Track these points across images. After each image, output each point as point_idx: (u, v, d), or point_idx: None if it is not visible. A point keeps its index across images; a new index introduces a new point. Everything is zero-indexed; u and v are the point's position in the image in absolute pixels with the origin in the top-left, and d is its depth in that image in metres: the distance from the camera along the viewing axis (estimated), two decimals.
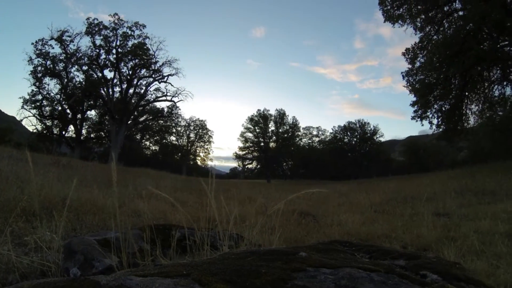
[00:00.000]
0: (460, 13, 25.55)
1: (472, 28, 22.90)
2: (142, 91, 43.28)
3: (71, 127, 43.30)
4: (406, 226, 7.09)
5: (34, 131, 41.78)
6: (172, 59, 43.48)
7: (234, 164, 73.17)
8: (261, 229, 3.41)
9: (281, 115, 65.99)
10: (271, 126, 66.10)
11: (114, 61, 40.51)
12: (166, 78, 42.62)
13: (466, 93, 27.27)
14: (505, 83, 26.79)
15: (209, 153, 64.89)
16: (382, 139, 69.09)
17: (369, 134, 66.98)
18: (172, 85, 45.56)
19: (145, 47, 41.21)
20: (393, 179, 28.04)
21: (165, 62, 42.30)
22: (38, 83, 39.89)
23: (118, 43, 40.58)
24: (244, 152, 66.33)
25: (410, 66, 27.73)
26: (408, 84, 27.64)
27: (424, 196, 10.69)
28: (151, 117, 51.40)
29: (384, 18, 27.83)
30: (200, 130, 64.31)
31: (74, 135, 43.07)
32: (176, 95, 43.15)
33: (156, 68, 42.23)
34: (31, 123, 44.42)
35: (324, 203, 12.75)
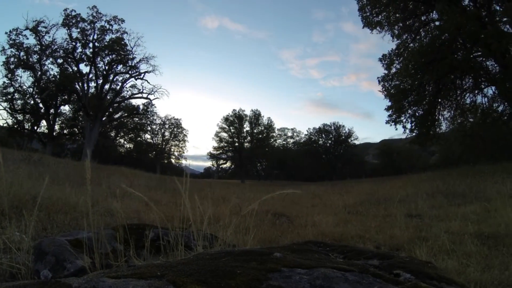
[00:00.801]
0: (437, 23, 26.59)
1: (447, 38, 23.83)
2: (118, 87, 42.34)
3: (44, 122, 41.69)
4: (379, 227, 7.23)
5: (5, 125, 40.01)
6: (149, 55, 42.84)
7: (208, 163, 72.88)
8: (235, 229, 3.39)
9: (256, 115, 66.12)
10: (246, 127, 66.10)
11: (91, 55, 39.24)
12: (142, 75, 41.87)
13: (439, 100, 28.23)
14: (476, 91, 27.99)
15: (183, 152, 64.29)
16: (357, 142, 70.29)
17: (343, 137, 67.95)
18: (148, 82, 45.19)
19: (122, 42, 40.21)
20: (366, 181, 28.56)
21: (143, 58, 41.52)
22: (10, 74, 38.09)
23: (95, 37, 39.40)
24: (218, 152, 65.99)
25: (386, 72, 28.52)
26: (383, 89, 28.39)
27: (397, 198, 10.95)
28: (126, 114, 50.16)
29: (363, 24, 28.76)
30: (175, 129, 63.70)
31: (46, 131, 41.29)
32: (152, 92, 42.50)
33: (133, 64, 41.41)
34: (1, 117, 42.90)
35: (298, 204, 12.84)
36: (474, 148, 39.03)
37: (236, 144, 64.34)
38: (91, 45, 39.30)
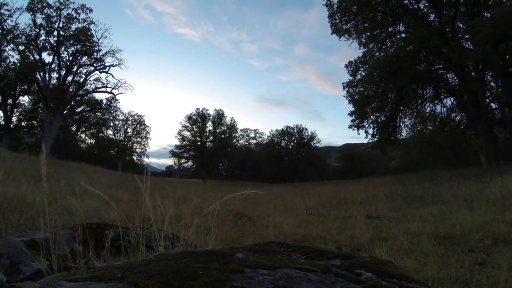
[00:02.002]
0: (403, 35, 27.83)
1: (412, 49, 24.96)
2: (81, 79, 40.24)
3: (0, 113, 39.31)
4: (340, 228, 7.36)
5: None
6: (116, 49, 41.16)
7: (170, 162, 71.85)
8: (197, 229, 3.35)
9: (220, 115, 65.94)
10: (209, 126, 65.81)
11: (54, 44, 36.99)
12: (107, 68, 40.08)
13: (401, 108, 29.38)
14: (436, 101, 29.45)
15: (145, 150, 62.72)
16: (319, 145, 71.49)
17: (306, 140, 69.02)
18: (113, 76, 43.02)
19: (89, 32, 38.27)
20: (328, 184, 29.07)
21: (109, 51, 39.76)
22: None
23: (61, 25, 37.16)
24: (181, 151, 65.28)
25: (351, 78, 29.33)
26: (348, 94, 29.11)
27: (358, 200, 11.20)
28: (88, 108, 48.13)
29: (331, 31, 29.44)
30: (138, 126, 62.03)
31: (3, 122, 39.09)
32: (117, 87, 40.77)
33: (98, 56, 39.54)
34: None
35: (260, 205, 12.90)
36: (432, 154, 41.15)
37: (199, 143, 63.81)
38: (55, 33, 37.12)
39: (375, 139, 29.45)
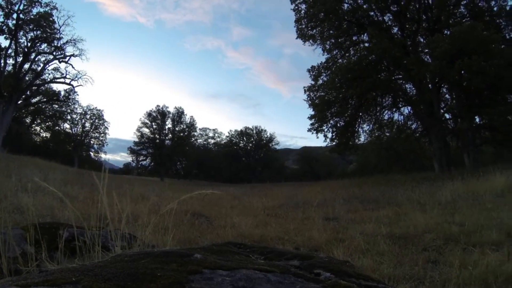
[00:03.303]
0: (366, 44, 28.72)
1: (374, 59, 25.80)
2: (39, 68, 37.76)
3: None
4: (298, 229, 7.43)
5: None
6: (78, 38, 39.16)
7: (128, 159, 69.94)
8: (154, 229, 3.26)
9: (180, 113, 64.92)
10: (168, 124, 64.60)
11: (13, 28, 34.38)
12: (68, 58, 37.96)
13: (360, 114, 30.30)
14: (394, 109, 30.79)
15: (103, 146, 60.57)
16: (277, 147, 72.04)
17: (265, 141, 69.39)
18: (73, 67, 40.39)
19: (51, 18, 35.99)
20: (286, 185, 29.41)
21: (70, 40, 37.68)
22: None
23: (21, 7, 34.64)
24: (139, 148, 63.71)
25: (313, 82, 29.88)
26: (308, 98, 29.62)
27: (315, 202, 11.35)
28: (45, 100, 45.40)
29: (297, 35, 29.96)
30: (97, 120, 59.61)
31: None
32: (76, 78, 38.82)
33: (58, 45, 37.37)
34: None
35: (217, 205, 12.85)
36: (388, 159, 42.70)
37: (157, 141, 62.55)
38: (15, 16, 34.53)
39: (334, 143, 30.06)
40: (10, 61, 35.90)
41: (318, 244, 5.86)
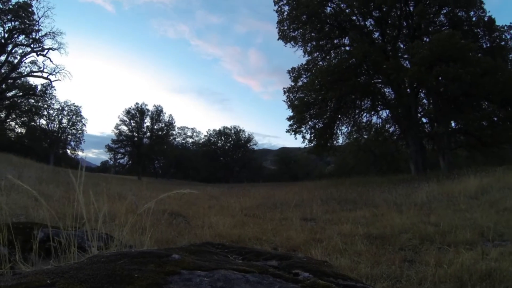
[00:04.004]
0: (347, 48, 29.16)
1: (354, 62, 26.18)
2: (16, 61, 36.78)
3: None
4: (276, 229, 7.45)
5: None
6: (57, 31, 38.15)
7: (106, 157, 68.78)
8: (132, 229, 3.22)
9: (158, 111, 63.96)
10: (147, 122, 63.54)
11: None
12: (46, 51, 37.04)
13: (339, 116, 30.66)
14: (372, 112, 31.27)
15: (80, 143, 58.63)
16: (256, 147, 72.25)
17: (243, 141, 69.53)
18: (51, 61, 39.22)
19: (30, 9, 34.91)
20: (263, 186, 29.44)
21: (49, 33, 36.69)
22: None
23: None
24: (117, 146, 62.49)
25: (292, 84, 30.06)
26: (287, 99, 29.75)
27: (293, 202, 11.42)
28: (21, 94, 44.12)
29: (278, 36, 30.17)
30: (74, 117, 57.68)
31: None
32: (54, 73, 37.95)
33: (37, 37, 36.43)
34: None
35: (195, 204, 12.79)
36: (365, 161, 43.38)
37: (135, 139, 61.45)
38: None
39: (312, 145, 30.32)
40: None
41: (296, 244, 5.89)
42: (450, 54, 21.20)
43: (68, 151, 60.01)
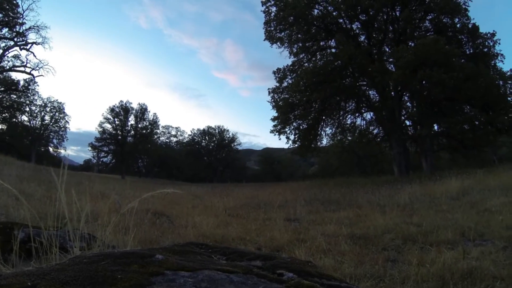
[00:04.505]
0: (333, 50, 29.38)
1: (340, 64, 26.45)
2: None
3: None
4: (260, 229, 7.46)
5: None
6: (41, 25, 36.81)
7: (89, 155, 67.61)
8: (115, 229, 3.17)
9: (143, 110, 63.14)
10: (131, 120, 62.67)
11: None
12: (30, 45, 36.05)
13: (323, 117, 30.88)
14: (357, 114, 31.64)
15: (63, 141, 57.47)
16: (239, 148, 72.36)
17: (227, 141, 69.56)
18: (34, 56, 38.47)
19: (14, 1, 33.99)
20: (247, 186, 29.52)
21: (33, 26, 35.67)
22: None
23: None
24: (100, 144, 61.42)
25: (277, 84, 30.19)
26: (272, 100, 29.84)
27: (277, 203, 11.47)
28: (2, 89, 42.97)
29: (265, 37, 30.25)
30: (57, 114, 56.38)
31: None
32: (37, 68, 37.02)
33: (21, 30, 35.42)
34: None
35: (179, 204, 12.73)
36: (349, 162, 43.77)
37: (119, 137, 60.52)
38: None
39: (296, 145, 30.51)
40: None
41: (280, 244, 5.91)
42: (434, 59, 21.59)
43: (51, 149, 58.87)
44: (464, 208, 9.13)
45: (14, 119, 52.44)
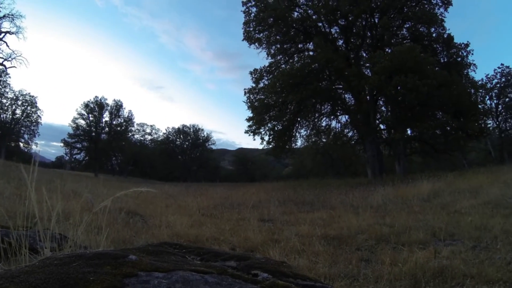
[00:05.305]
0: (311, 53, 29.64)
1: (317, 67, 26.75)
2: None
3: None
4: (234, 229, 7.47)
5: None
6: (16, 13, 35.63)
7: (61, 152, 65.72)
8: (87, 228, 3.10)
9: (118, 106, 61.82)
10: (106, 117, 61.21)
11: None
12: (3, 35, 34.94)
13: (299, 119, 31.11)
14: (332, 117, 32.04)
15: (34, 136, 55.13)
16: (214, 147, 72.26)
17: (201, 140, 69.29)
18: (7, 46, 37.29)
19: None
20: (221, 186, 29.51)
21: (7, 15, 34.42)
22: None
23: None
24: (73, 140, 59.47)
25: (254, 85, 30.27)
26: (248, 100, 29.87)
27: (250, 203, 11.50)
28: None
29: (243, 37, 30.31)
30: (29, 108, 54.00)
31: None
32: (10, 59, 36.05)
33: None
34: None
35: (152, 203, 12.64)
36: (323, 164, 44.27)
37: (93, 134, 59.01)
38: None
39: (271, 146, 30.65)
40: None
41: (254, 245, 5.92)
42: (410, 66, 22.17)
43: (21, 144, 56.60)
44: (435, 209, 9.41)
45: None
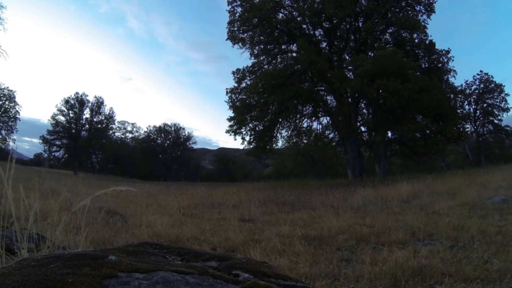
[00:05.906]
0: (294, 54, 29.81)
1: (299, 69, 26.95)
2: None
3: None
4: (214, 229, 7.44)
5: None
6: None
7: (40, 149, 64.17)
8: (66, 228, 3.04)
9: (99, 103, 60.64)
10: (86, 114, 59.93)
11: None
12: None
13: (280, 120, 31.28)
14: (314, 118, 32.32)
15: (12, 132, 53.04)
16: (195, 146, 71.90)
17: (182, 139, 68.90)
18: None
19: None
20: (201, 185, 29.34)
21: None
22: None
23: None
24: (53, 137, 57.99)
25: (236, 85, 30.39)
26: (229, 100, 29.87)
27: (231, 203, 11.47)
28: None
29: (227, 36, 30.30)
30: (7, 102, 52.09)
31: None
32: None
33: None
34: None
35: (133, 202, 12.51)
36: (304, 165, 44.55)
37: (73, 131, 57.61)
38: None
39: (251, 146, 30.76)
40: None
41: (234, 245, 5.91)
42: (392, 70, 22.57)
43: None
44: (414, 210, 9.57)
45: None
